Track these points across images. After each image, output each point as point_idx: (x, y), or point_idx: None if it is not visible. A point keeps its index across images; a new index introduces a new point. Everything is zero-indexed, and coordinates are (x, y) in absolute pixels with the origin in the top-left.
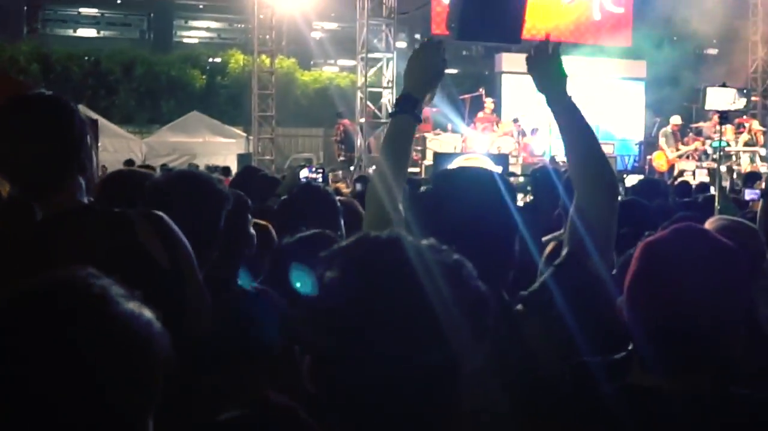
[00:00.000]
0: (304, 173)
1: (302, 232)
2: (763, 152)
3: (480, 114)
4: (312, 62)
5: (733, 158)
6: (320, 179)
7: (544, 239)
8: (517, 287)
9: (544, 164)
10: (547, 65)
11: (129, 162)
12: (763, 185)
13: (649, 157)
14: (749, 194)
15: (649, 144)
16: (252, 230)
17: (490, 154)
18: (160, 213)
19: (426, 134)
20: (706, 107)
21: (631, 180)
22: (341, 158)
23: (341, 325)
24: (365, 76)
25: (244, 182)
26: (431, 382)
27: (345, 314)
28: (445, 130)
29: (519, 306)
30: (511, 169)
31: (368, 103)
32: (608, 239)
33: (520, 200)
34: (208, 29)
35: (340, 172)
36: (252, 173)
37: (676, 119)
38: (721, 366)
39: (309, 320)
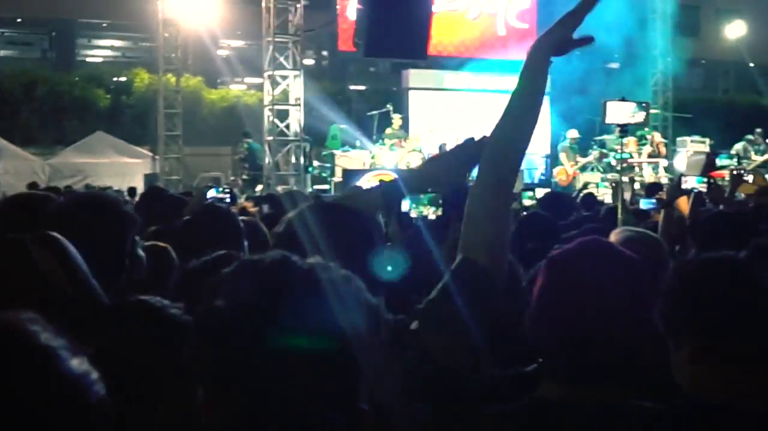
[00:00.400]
0: (211, 194)
1: (206, 254)
2: (665, 163)
3: (388, 131)
4: (219, 80)
5: (636, 169)
6: (228, 200)
7: None
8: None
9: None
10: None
11: (32, 185)
12: (663, 196)
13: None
14: (645, 205)
15: (555, 157)
16: (141, 253)
17: (399, 170)
18: (55, 234)
19: (334, 151)
20: (607, 121)
21: (540, 193)
22: (244, 177)
23: (233, 353)
24: (272, 95)
25: (150, 203)
26: (336, 400)
27: (237, 341)
28: (354, 146)
29: (414, 324)
30: None
31: (275, 121)
32: (501, 240)
33: (431, 214)
34: (112, 48)
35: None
36: (157, 193)
37: (572, 133)
38: (628, 376)
39: (200, 348)
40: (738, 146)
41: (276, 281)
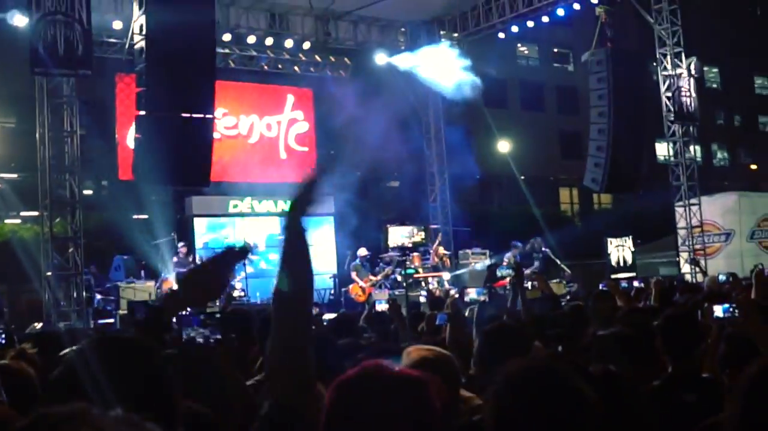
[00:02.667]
0: None
1: None
2: (447, 275)
3: (175, 258)
4: None
5: (423, 283)
6: (2, 341)
7: None
8: None
9: (236, 308)
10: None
11: None
12: (449, 310)
13: (344, 289)
14: (440, 320)
15: (343, 276)
16: None
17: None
18: None
19: (118, 283)
20: (389, 244)
21: (328, 317)
22: None
23: None
24: (50, 227)
25: None
26: None
27: None
28: (138, 277)
29: None
30: (210, 310)
31: (55, 254)
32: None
33: None
34: None
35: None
36: None
37: (362, 251)
38: None
39: None
40: (509, 254)
41: None
